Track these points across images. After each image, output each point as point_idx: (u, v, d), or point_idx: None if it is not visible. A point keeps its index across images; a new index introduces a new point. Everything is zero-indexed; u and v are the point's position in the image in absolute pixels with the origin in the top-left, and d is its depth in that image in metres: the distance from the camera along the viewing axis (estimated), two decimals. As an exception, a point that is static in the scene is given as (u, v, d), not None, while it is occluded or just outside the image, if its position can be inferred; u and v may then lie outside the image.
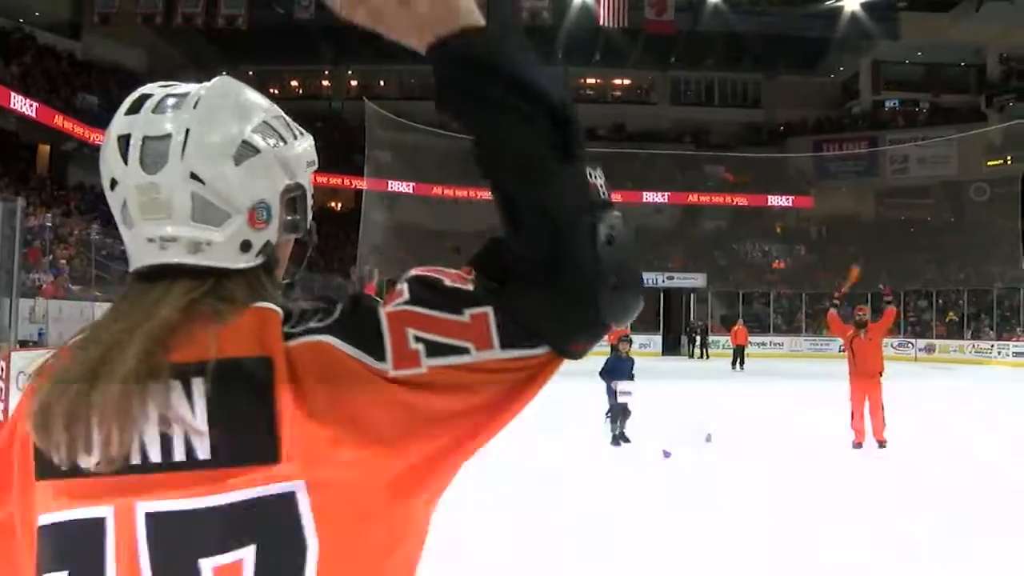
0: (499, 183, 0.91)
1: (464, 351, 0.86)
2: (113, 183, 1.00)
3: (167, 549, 0.85)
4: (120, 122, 1.00)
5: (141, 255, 0.97)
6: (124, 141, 0.98)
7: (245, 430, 0.86)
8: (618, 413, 9.99)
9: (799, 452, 9.74)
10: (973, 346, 33.11)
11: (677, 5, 36.52)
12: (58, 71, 33.23)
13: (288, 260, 1.10)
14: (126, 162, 0.97)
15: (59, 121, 30.00)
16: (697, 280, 40.19)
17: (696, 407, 14.29)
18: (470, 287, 0.90)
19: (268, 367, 0.86)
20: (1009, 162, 40.21)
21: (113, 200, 1.01)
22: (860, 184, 46.25)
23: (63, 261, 17.91)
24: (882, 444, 10.16)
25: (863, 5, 37.89)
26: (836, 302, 11.46)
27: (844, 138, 46.26)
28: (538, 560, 5.38)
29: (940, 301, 37.50)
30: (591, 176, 0.92)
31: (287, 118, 1.08)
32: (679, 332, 37.27)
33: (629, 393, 9.91)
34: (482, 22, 0.89)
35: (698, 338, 33.84)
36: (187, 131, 0.95)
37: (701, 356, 32.64)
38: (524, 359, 0.87)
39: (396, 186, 42.32)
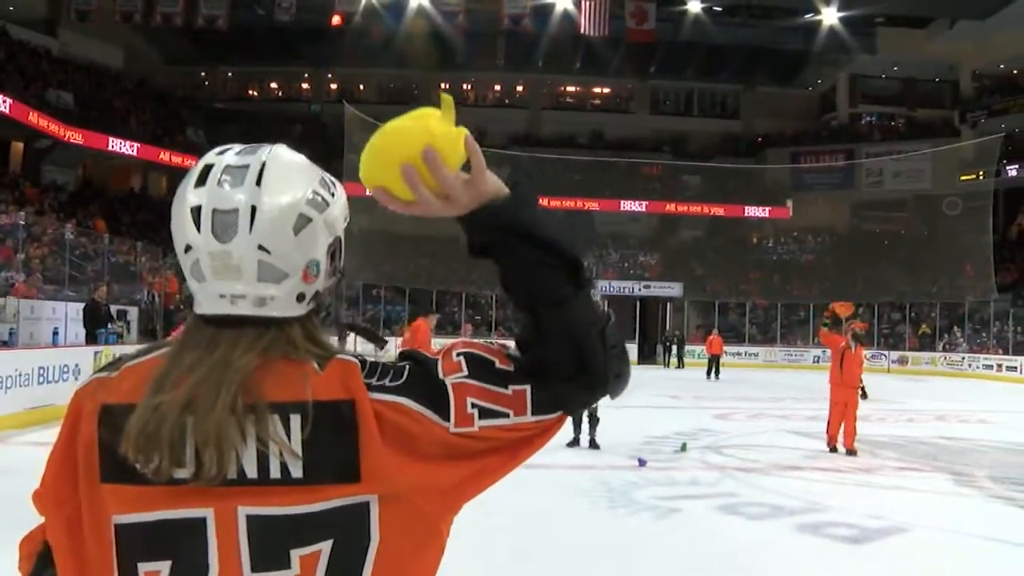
0: (525, 309, 1.17)
1: (506, 415, 1.14)
2: (187, 248, 1.15)
3: (264, 543, 1.08)
4: (191, 195, 1.15)
5: (211, 306, 1.15)
6: (196, 212, 1.14)
7: (334, 456, 1.09)
8: (589, 416, 9.98)
9: (776, 460, 9.79)
10: (945, 358, 33.42)
11: (658, 15, 36.65)
12: (33, 68, 32.82)
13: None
14: (199, 230, 1.13)
15: (33, 118, 29.56)
16: (674, 289, 40.32)
17: (671, 417, 14.31)
18: (511, 368, 1.17)
19: (352, 408, 1.10)
20: (981, 177, 40.69)
21: (185, 260, 1.16)
22: (836, 196, 46.63)
23: (36, 260, 17.67)
24: (851, 452, 10.51)
25: (841, 19, 38.21)
26: (827, 322, 11.80)
27: (821, 150, 46.65)
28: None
29: (913, 314, 37.85)
30: (594, 295, 1.19)
31: (326, 176, 1.26)
32: (655, 341, 37.34)
33: None
34: (506, 190, 1.17)
35: (674, 347, 33.90)
36: (253, 208, 1.12)
37: (678, 366, 32.71)
38: (544, 420, 1.17)
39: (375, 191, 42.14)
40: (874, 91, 47.62)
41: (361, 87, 49.37)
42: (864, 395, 11.36)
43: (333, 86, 49.45)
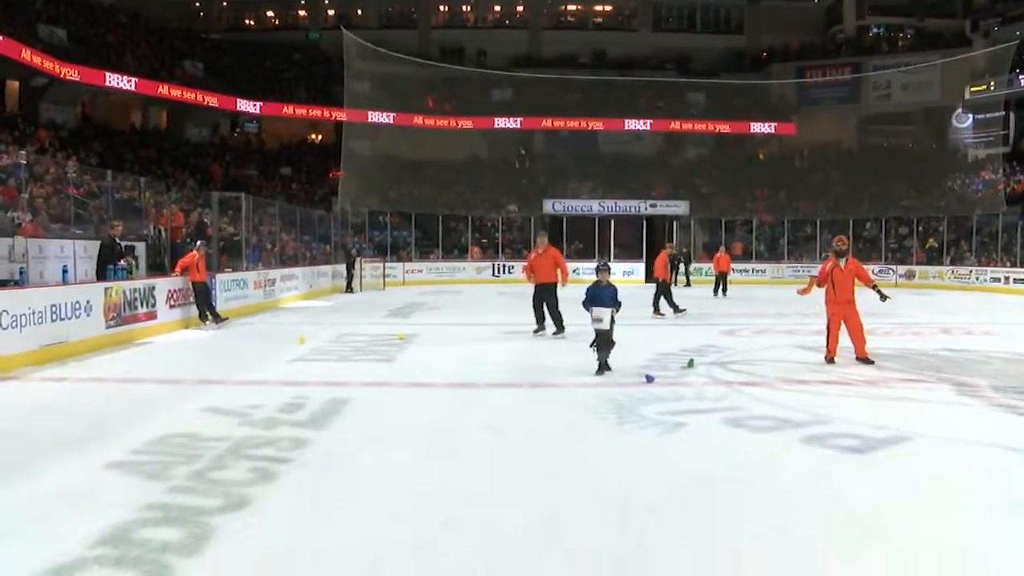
0: None
1: None
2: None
3: None
4: None
5: None
6: None
7: None
8: (602, 343, 10.01)
9: (782, 374, 9.90)
10: (952, 272, 33.39)
11: (659, -72, 35.76)
12: (22, 1, 32.27)
13: None
14: None
15: (27, 55, 29.21)
16: (680, 208, 40.19)
17: (678, 334, 14.42)
18: None
19: None
20: (992, 87, 40.05)
21: None
22: (843, 111, 46.06)
23: (40, 200, 17.66)
24: (866, 361, 10.79)
25: (848, -74, 37.27)
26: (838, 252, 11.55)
27: (827, 64, 45.93)
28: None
29: (920, 228, 37.71)
30: None
31: None
32: (662, 260, 37.34)
33: (600, 319, 9.88)
34: None
35: (681, 265, 33.90)
36: None
37: (685, 284, 32.75)
38: None
39: (376, 117, 41.79)
40: (882, 1, 46.58)
41: (359, 12, 48.55)
42: (883, 296, 11.47)
43: (331, 12, 48.65)
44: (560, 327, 13.91)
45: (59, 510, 4.89)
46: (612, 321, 9.99)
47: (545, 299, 14.12)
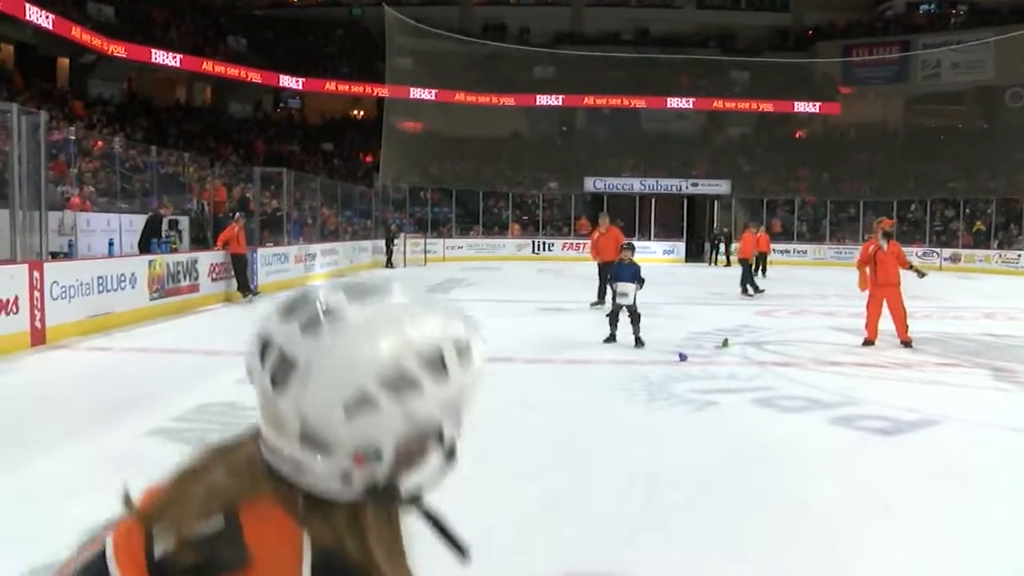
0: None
1: None
2: (250, 374, 1.02)
3: None
4: (272, 322, 1.01)
5: (264, 451, 1.03)
6: (265, 344, 1.00)
7: None
8: (635, 318, 10.34)
9: (816, 355, 9.89)
10: (1000, 256, 32.76)
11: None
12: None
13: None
14: (262, 366, 0.99)
15: (76, 33, 29.76)
16: (721, 187, 39.87)
17: (714, 313, 14.41)
18: None
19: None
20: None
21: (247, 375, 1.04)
22: (890, 90, 45.16)
23: (88, 174, 18.07)
24: (907, 343, 10.72)
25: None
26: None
27: (875, 43, 45.00)
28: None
29: (967, 210, 36.97)
30: None
31: (464, 344, 1.02)
32: (702, 239, 37.12)
33: (625, 294, 10.41)
34: None
35: (721, 245, 33.68)
36: (310, 366, 0.96)
37: (725, 264, 32.55)
38: None
39: (418, 93, 41.89)
40: (934, -24, 45.54)
41: (401, -12, 48.50)
42: (921, 274, 11.48)
43: (373, -12, 48.65)
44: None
45: (104, 474, 5.10)
46: (635, 297, 10.47)
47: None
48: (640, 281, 10.47)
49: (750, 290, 18.54)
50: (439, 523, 1.09)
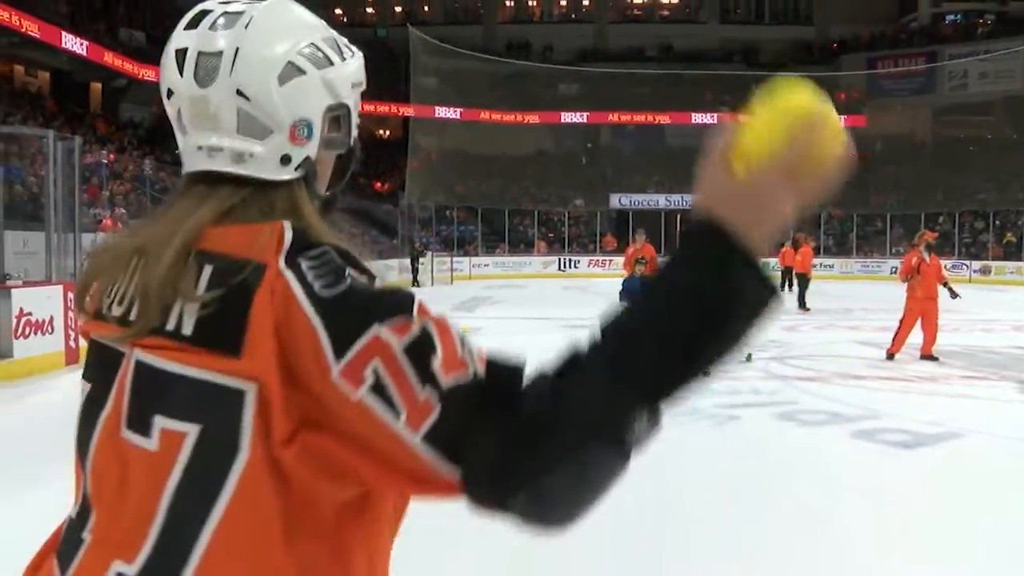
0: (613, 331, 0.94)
1: (397, 414, 0.90)
2: (169, 93, 1.07)
3: (138, 396, 0.99)
4: (179, 36, 1.06)
5: (192, 161, 1.07)
6: (181, 55, 1.05)
7: (222, 320, 0.95)
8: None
9: (839, 370, 9.89)
10: (1031, 267, 32.42)
11: (726, -81, 35.41)
12: (103, 4, 33.48)
13: (332, 175, 1.18)
14: (181, 74, 1.04)
15: (109, 59, 30.43)
16: (746, 202, 39.66)
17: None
18: (449, 382, 0.92)
19: (260, 274, 0.94)
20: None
21: (170, 108, 1.08)
22: (916, 102, 44.90)
23: (119, 196, 18.45)
24: (931, 358, 10.74)
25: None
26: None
27: (900, 54, 44.80)
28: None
29: (997, 222, 36.59)
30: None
31: (339, 38, 1.13)
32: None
33: None
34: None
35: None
36: (237, 49, 1.03)
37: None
38: (427, 462, 0.92)
39: (443, 112, 42.26)
40: (959, -12, 45.28)
41: (426, 8, 49.05)
42: (954, 294, 11.34)
43: (398, 9, 49.24)
44: None
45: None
46: None
47: None
48: None
49: (807, 303, 18.39)
50: None
